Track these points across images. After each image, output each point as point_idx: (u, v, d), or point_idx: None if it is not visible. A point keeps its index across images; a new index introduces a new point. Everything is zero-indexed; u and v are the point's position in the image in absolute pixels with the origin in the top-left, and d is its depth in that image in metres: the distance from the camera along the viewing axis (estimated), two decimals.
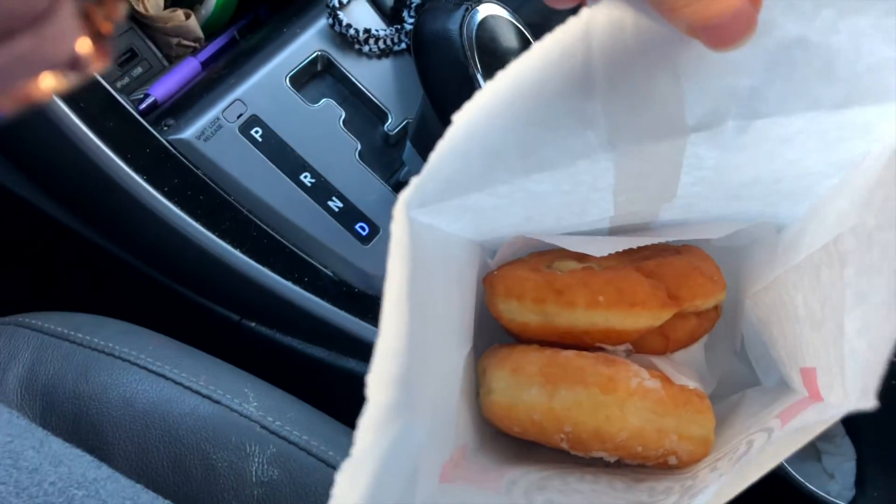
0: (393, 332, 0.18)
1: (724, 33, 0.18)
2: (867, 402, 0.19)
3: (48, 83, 0.12)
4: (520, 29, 0.43)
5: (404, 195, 0.20)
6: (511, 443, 0.30)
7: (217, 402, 0.37)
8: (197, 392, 0.37)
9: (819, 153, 0.24)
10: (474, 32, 0.38)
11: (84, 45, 0.13)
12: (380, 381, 0.18)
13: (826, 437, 0.55)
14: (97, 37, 0.13)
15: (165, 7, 0.51)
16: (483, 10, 0.40)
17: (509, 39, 0.42)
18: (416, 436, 0.21)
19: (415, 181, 0.20)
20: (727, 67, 0.21)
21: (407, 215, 0.21)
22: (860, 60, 0.20)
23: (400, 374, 0.18)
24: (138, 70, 0.50)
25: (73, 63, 0.13)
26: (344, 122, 0.47)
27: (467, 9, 0.39)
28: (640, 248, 0.29)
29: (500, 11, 0.41)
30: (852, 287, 0.21)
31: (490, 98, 0.19)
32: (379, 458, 0.18)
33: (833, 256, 0.23)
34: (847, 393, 0.21)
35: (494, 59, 0.40)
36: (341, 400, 0.43)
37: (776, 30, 0.20)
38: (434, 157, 0.20)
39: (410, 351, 0.19)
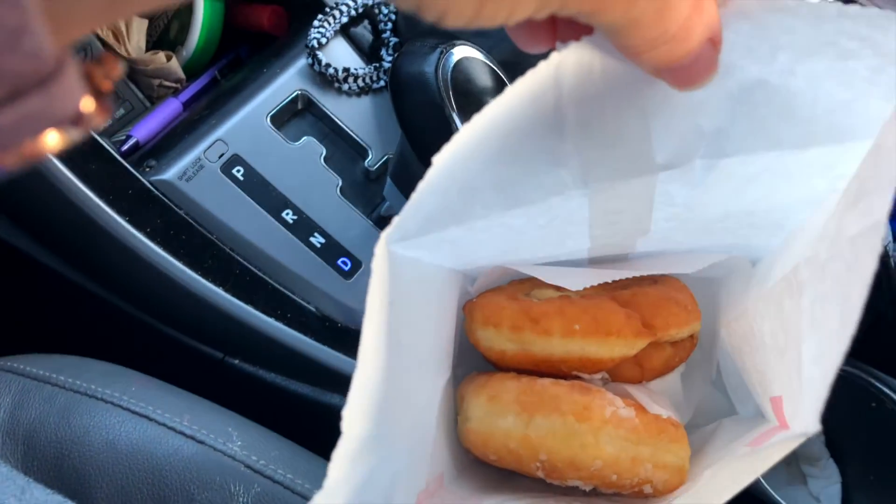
0: (370, 366, 0.19)
1: (687, 74, 0.19)
2: (813, 427, 0.19)
3: (53, 139, 0.13)
4: (493, 69, 0.44)
5: (386, 233, 0.21)
6: (489, 472, 0.30)
7: (201, 441, 0.37)
8: (180, 432, 0.37)
9: (786, 190, 0.25)
10: (449, 74, 0.39)
11: (87, 104, 0.13)
12: (355, 413, 0.18)
13: (811, 460, 0.55)
14: (98, 95, 0.14)
15: (147, 49, 0.52)
16: (458, 53, 0.41)
17: (484, 80, 0.43)
18: (391, 468, 0.21)
19: (396, 220, 0.21)
20: (693, 108, 0.22)
21: (387, 250, 0.21)
22: (818, 103, 0.21)
23: (376, 407, 0.19)
24: (120, 111, 0.51)
25: (77, 120, 0.13)
26: (325, 159, 0.48)
27: (442, 51, 0.40)
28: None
29: (474, 53, 0.43)
30: (808, 316, 0.22)
31: (467, 139, 0.20)
32: (352, 491, 0.18)
33: (793, 286, 0.24)
34: (803, 417, 0.21)
35: (469, 99, 0.41)
36: (326, 436, 0.43)
37: (738, 72, 0.21)
38: (415, 196, 0.20)
39: (388, 383, 0.19)
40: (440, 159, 0.20)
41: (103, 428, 0.36)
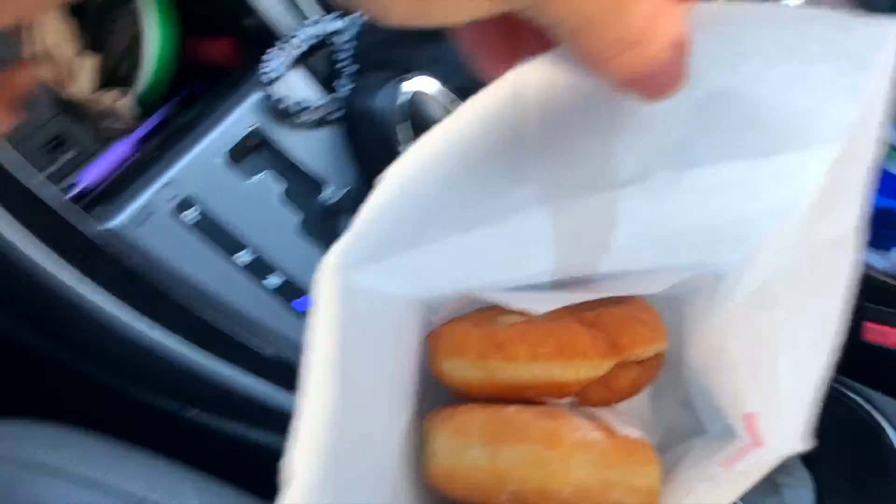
0: (318, 404, 0.18)
1: (655, 84, 0.18)
2: (804, 444, 0.19)
3: None
4: (450, 99, 0.44)
5: (331, 257, 0.20)
6: None
7: None
8: (133, 496, 0.34)
9: (751, 200, 0.25)
10: (404, 108, 0.39)
11: None
12: (304, 454, 0.17)
13: (783, 469, 0.55)
14: (8, 102, 0.13)
15: (98, 88, 0.50)
16: (412, 85, 0.41)
17: (439, 113, 0.43)
18: None
19: (343, 242, 0.20)
20: (657, 120, 0.21)
21: (335, 278, 0.20)
22: (782, 109, 0.21)
23: (327, 449, 0.17)
24: (70, 154, 0.49)
25: None
26: (282, 195, 0.47)
27: (395, 85, 0.40)
28: None
29: (429, 84, 0.42)
30: (783, 329, 0.22)
31: (421, 155, 0.19)
32: None
33: (765, 299, 0.24)
34: (784, 434, 0.21)
35: (425, 132, 0.40)
36: None
37: (704, 81, 0.20)
38: (364, 214, 0.19)
39: (341, 423, 0.18)
40: (392, 174, 0.19)
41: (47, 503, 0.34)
